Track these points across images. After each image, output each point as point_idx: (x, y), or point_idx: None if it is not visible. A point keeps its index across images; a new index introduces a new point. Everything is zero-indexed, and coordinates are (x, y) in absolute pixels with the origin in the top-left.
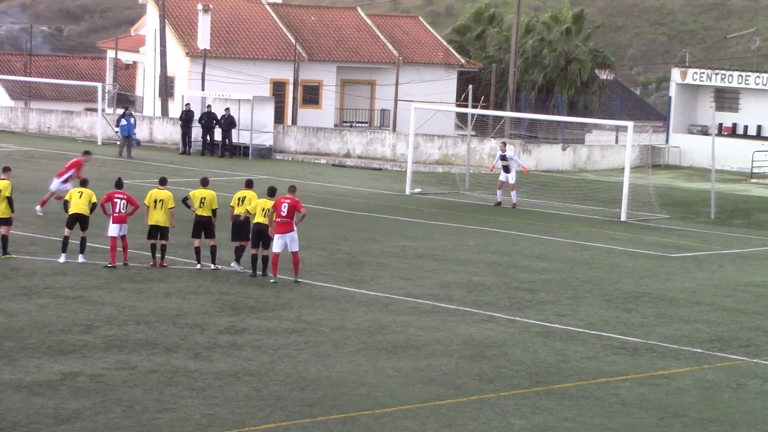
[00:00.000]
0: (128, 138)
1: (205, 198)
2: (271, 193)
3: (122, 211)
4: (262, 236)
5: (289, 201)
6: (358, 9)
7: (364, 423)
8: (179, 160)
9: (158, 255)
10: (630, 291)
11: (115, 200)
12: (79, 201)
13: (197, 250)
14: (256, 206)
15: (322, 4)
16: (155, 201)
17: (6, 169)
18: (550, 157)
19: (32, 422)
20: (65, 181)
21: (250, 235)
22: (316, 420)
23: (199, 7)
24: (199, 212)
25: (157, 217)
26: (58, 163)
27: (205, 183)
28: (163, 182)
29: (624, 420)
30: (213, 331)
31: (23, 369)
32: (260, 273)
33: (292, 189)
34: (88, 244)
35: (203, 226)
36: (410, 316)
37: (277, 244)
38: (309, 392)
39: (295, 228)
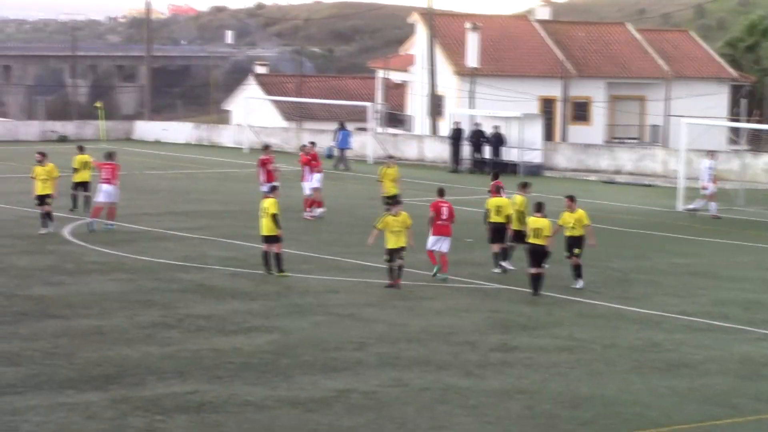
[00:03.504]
0: (343, 150)
1: (501, 207)
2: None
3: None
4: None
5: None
6: (627, 24)
7: None
8: (449, 178)
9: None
10: None
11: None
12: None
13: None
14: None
15: (591, 20)
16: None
17: (274, 189)
18: None
19: None
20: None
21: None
22: None
23: (468, 25)
24: (494, 219)
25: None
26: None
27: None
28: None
29: None
30: (484, 348)
31: (298, 386)
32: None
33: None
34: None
35: (498, 233)
36: (683, 334)
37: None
38: (582, 411)
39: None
